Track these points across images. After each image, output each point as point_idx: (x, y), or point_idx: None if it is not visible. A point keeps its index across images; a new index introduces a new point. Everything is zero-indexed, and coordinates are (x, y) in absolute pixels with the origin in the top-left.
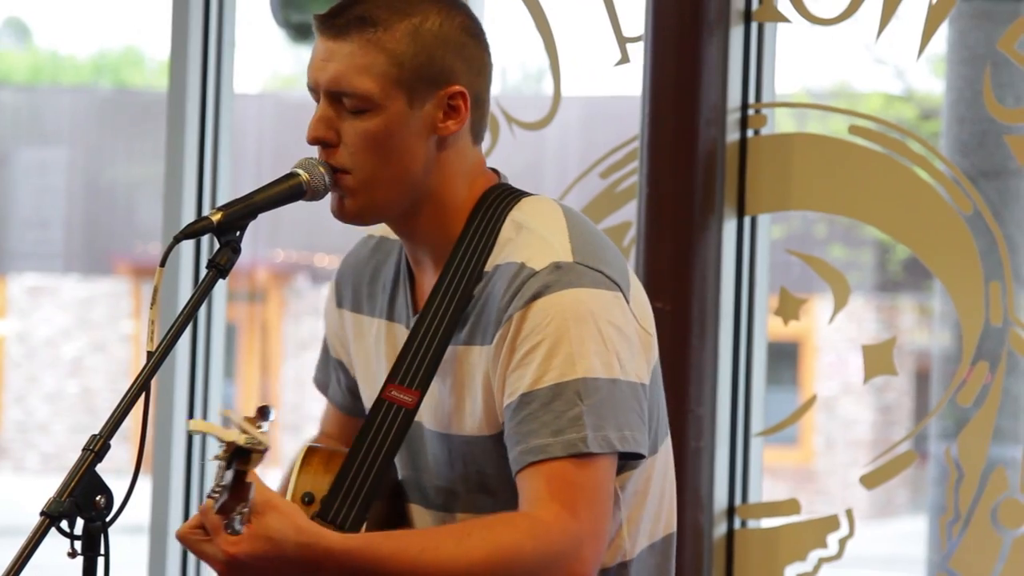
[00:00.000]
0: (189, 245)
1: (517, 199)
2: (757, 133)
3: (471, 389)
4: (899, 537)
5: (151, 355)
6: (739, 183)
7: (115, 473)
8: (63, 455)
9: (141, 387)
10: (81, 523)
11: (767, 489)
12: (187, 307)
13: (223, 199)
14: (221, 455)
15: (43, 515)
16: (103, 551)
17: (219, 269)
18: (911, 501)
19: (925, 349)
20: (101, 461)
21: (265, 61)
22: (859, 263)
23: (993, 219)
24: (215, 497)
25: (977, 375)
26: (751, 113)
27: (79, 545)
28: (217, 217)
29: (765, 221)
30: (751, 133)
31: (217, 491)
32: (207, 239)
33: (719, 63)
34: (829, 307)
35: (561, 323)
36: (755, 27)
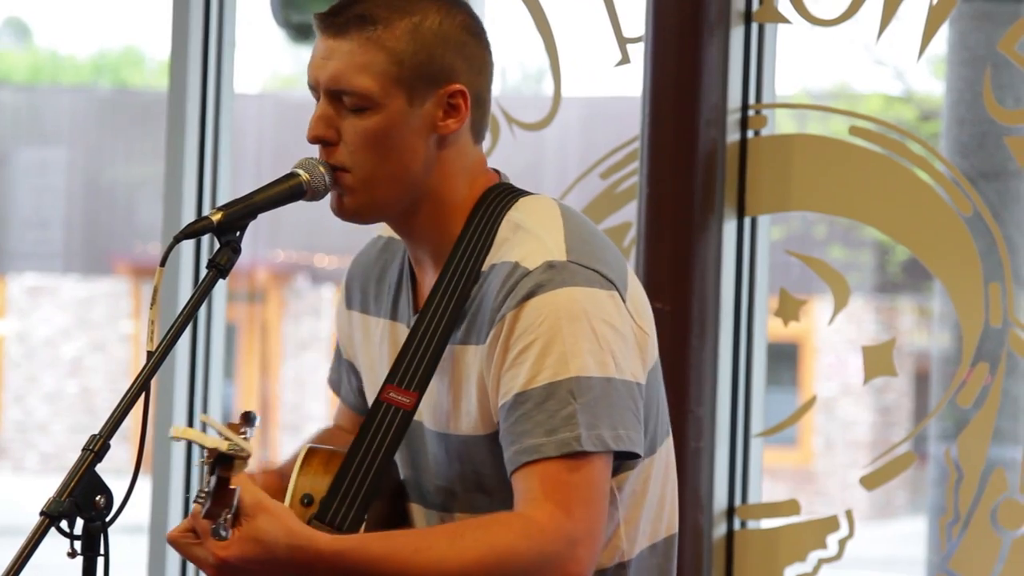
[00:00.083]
0: (189, 245)
1: (516, 198)
2: (757, 134)
3: (467, 389)
4: (899, 538)
5: (151, 355)
6: (739, 184)
7: (115, 473)
8: (62, 455)
9: (141, 387)
10: (81, 523)
11: (767, 490)
12: (187, 307)
13: (223, 199)
14: (204, 461)
15: (43, 515)
16: (103, 551)
17: (219, 269)
18: (911, 502)
19: (925, 350)
20: (101, 461)
21: (265, 61)
22: (859, 264)
23: (993, 220)
24: (201, 502)
25: (977, 376)
26: (751, 114)
27: (79, 545)
28: (217, 217)
29: (765, 222)
30: (751, 134)
31: (202, 496)
32: (207, 239)
33: (719, 64)
34: (829, 308)
35: (554, 322)
36: (755, 28)
